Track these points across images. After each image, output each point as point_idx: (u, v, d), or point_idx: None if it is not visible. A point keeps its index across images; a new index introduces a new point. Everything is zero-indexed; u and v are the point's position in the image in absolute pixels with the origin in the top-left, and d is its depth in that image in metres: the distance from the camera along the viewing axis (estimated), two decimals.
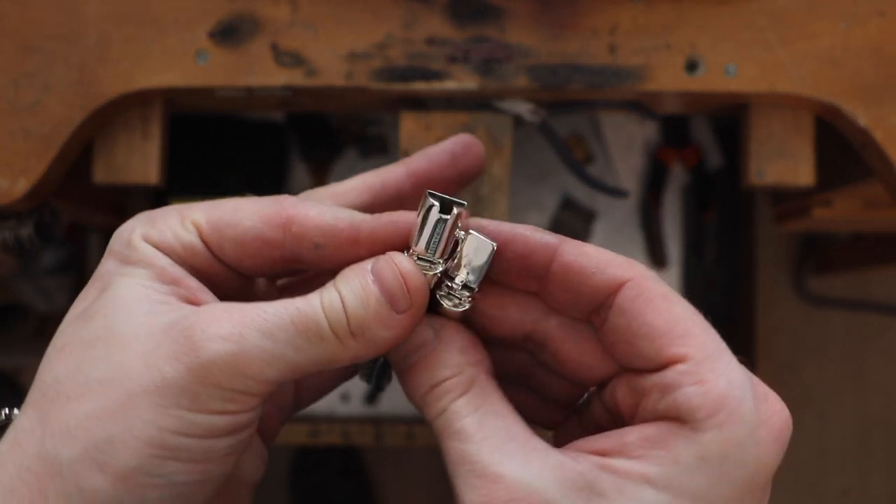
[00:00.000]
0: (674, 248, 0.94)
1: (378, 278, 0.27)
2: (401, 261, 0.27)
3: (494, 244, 0.28)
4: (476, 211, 0.62)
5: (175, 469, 0.25)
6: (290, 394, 0.33)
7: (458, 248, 0.28)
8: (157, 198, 0.89)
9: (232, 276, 0.30)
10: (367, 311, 0.26)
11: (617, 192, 0.65)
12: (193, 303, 0.28)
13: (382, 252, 0.28)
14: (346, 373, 0.34)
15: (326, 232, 0.28)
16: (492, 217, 0.62)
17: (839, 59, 0.56)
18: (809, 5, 0.56)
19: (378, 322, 0.26)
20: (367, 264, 0.27)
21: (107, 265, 0.28)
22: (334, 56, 0.57)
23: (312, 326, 0.26)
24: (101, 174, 0.59)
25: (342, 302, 0.26)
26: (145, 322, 0.26)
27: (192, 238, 0.29)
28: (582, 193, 0.93)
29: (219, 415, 0.25)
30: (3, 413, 0.29)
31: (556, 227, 0.92)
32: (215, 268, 0.29)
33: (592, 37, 0.57)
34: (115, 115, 0.58)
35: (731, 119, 0.61)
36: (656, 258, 0.93)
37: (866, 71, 0.55)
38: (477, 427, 0.26)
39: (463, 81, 0.57)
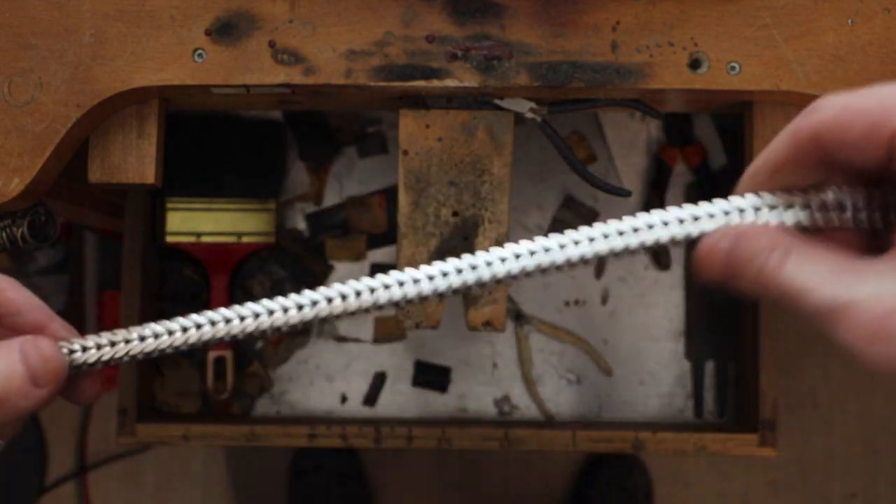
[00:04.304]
0: (676, 248, 0.93)
1: (24, 357, 0.31)
2: (45, 345, 0.31)
3: None
4: (476, 210, 0.61)
5: None
6: None
7: None
8: (153, 197, 0.88)
9: None
10: (11, 385, 0.30)
11: (619, 192, 0.64)
12: None
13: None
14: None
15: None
16: (492, 216, 0.61)
17: (844, 56, 0.55)
18: (814, 1, 0.55)
19: (20, 396, 0.31)
20: (16, 343, 0.31)
21: None
22: (333, 54, 0.57)
23: None
24: (97, 173, 0.58)
25: None
26: None
27: None
28: (583, 192, 0.92)
29: None
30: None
31: (558, 226, 0.92)
32: None
33: (594, 34, 0.56)
34: (110, 113, 0.58)
35: (735, 117, 0.61)
36: (658, 258, 0.92)
37: (872, 68, 0.55)
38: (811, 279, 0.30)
39: (463, 80, 0.57)
